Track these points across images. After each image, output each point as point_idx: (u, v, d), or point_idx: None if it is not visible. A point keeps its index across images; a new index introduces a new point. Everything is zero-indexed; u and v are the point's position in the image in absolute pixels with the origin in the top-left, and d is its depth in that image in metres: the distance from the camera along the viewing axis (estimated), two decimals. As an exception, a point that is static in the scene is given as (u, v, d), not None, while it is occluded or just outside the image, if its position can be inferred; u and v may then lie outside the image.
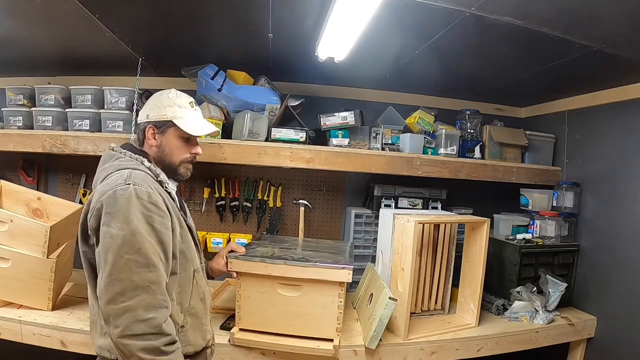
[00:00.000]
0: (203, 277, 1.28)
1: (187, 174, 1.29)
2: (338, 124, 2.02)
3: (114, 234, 0.99)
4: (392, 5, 1.21)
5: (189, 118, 1.24)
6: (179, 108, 1.23)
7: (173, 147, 1.24)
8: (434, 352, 1.66)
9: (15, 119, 1.96)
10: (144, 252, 1.00)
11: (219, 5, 1.38)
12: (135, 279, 0.97)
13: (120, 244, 0.98)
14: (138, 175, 1.08)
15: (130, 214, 1.00)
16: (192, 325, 1.18)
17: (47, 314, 1.61)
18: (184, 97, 1.27)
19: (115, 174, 1.09)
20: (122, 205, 1.01)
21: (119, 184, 1.04)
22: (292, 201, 2.32)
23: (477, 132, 2.27)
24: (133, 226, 0.99)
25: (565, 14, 1.23)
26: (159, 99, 1.25)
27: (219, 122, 1.96)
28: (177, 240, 1.14)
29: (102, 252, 1.00)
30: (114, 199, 1.01)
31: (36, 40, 1.74)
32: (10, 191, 1.84)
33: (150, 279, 1.00)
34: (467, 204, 2.31)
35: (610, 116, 1.97)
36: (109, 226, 1.00)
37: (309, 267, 1.48)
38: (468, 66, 1.87)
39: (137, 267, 0.98)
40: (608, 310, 1.92)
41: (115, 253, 0.98)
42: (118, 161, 1.15)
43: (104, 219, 1.01)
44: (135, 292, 0.97)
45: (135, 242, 0.99)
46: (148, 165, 1.16)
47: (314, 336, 1.51)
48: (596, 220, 2.03)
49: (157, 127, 1.22)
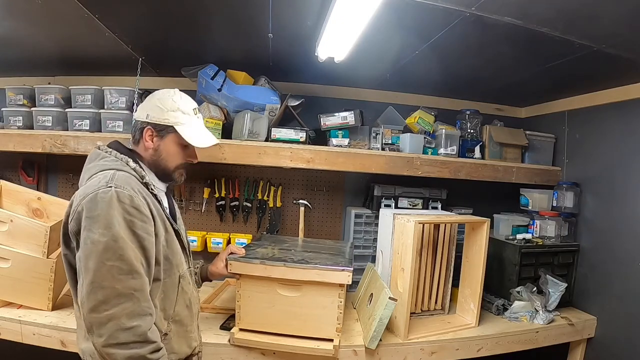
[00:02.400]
0: (190, 282, 1.24)
1: (180, 179, 1.25)
2: (338, 124, 2.02)
3: (95, 240, 0.95)
4: (392, 5, 1.21)
5: (191, 126, 1.20)
6: (182, 114, 1.18)
7: (171, 153, 1.20)
8: (434, 352, 1.66)
9: (15, 119, 1.96)
10: (127, 259, 0.96)
11: (219, 5, 1.38)
12: (118, 287, 0.94)
13: (102, 250, 0.94)
14: (121, 177, 1.04)
15: (111, 218, 0.96)
16: (177, 332, 1.14)
17: (47, 314, 1.61)
18: (188, 101, 1.23)
19: (99, 174, 1.05)
20: (103, 210, 0.97)
21: (101, 186, 1.00)
22: (292, 201, 2.32)
23: (477, 132, 2.27)
24: (115, 231, 0.96)
25: (565, 14, 1.23)
26: (162, 100, 1.19)
27: (219, 122, 1.96)
28: (161, 245, 1.10)
29: (83, 258, 0.96)
30: (94, 203, 0.97)
31: (36, 40, 1.74)
32: (10, 191, 1.84)
33: (134, 286, 0.96)
34: (467, 204, 2.31)
35: (610, 116, 1.97)
36: (90, 231, 0.96)
37: (308, 270, 1.48)
38: (468, 66, 1.87)
39: (120, 275, 0.95)
40: (608, 310, 1.92)
41: (97, 260, 0.94)
42: (103, 161, 1.11)
43: (84, 223, 0.97)
44: (118, 300, 0.94)
45: (117, 249, 0.95)
46: (133, 166, 1.12)
47: (314, 336, 1.51)
48: (596, 220, 2.03)
49: (156, 129, 1.17)
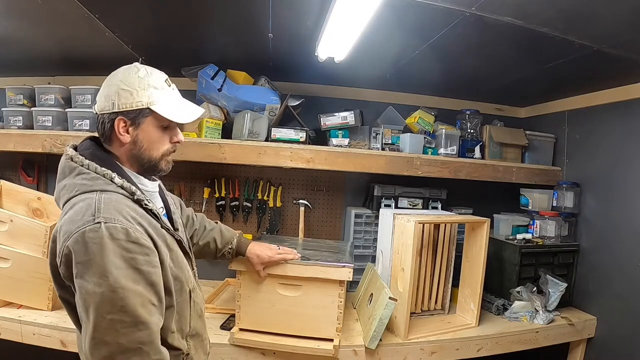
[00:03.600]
0: (199, 293, 1.14)
1: (168, 167, 1.07)
2: (338, 124, 2.02)
3: (90, 291, 0.81)
4: (392, 5, 1.21)
5: (168, 101, 1.01)
6: (155, 90, 0.98)
7: (153, 139, 1.00)
8: (434, 352, 1.66)
9: (15, 119, 1.96)
10: (130, 309, 0.82)
11: (219, 5, 1.38)
12: (123, 342, 0.82)
13: (99, 302, 0.81)
14: (108, 204, 0.87)
15: (106, 263, 0.81)
16: (195, 346, 1.08)
17: (47, 314, 1.61)
18: (157, 73, 1.01)
19: (79, 203, 0.88)
20: (95, 254, 0.82)
21: (87, 222, 0.83)
22: (292, 201, 2.32)
23: (477, 132, 2.27)
24: (112, 280, 0.81)
25: (565, 14, 1.23)
26: (126, 81, 0.96)
27: (219, 122, 1.97)
28: (168, 268, 0.97)
29: (81, 306, 0.84)
30: (83, 246, 0.82)
31: (36, 40, 1.74)
32: (10, 191, 1.84)
33: (141, 339, 0.84)
34: (467, 204, 2.30)
35: (610, 116, 1.96)
36: (82, 279, 0.82)
37: (310, 266, 1.48)
38: (468, 66, 1.87)
39: (123, 328, 0.82)
40: (608, 310, 1.92)
41: (95, 313, 0.81)
42: (80, 178, 0.92)
43: (76, 270, 0.83)
44: (124, 355, 0.82)
45: (117, 300, 0.81)
46: (120, 183, 0.93)
47: (314, 336, 1.51)
48: (596, 220, 2.03)
49: (129, 118, 0.96)
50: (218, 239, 1.45)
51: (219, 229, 1.49)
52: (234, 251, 1.47)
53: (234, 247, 1.47)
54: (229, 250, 1.46)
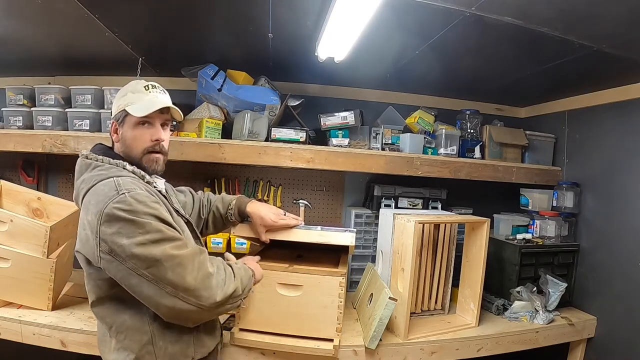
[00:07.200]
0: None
1: (154, 166, 1.16)
2: (338, 124, 2.02)
3: (144, 252, 0.94)
4: (392, 5, 1.21)
5: (141, 101, 1.12)
6: (132, 94, 1.13)
7: (131, 137, 1.13)
8: (434, 352, 1.66)
9: (15, 119, 1.96)
10: (174, 236, 0.99)
11: (219, 5, 1.38)
12: (195, 266, 0.99)
13: (158, 252, 0.94)
14: (127, 182, 1.01)
15: (142, 220, 0.95)
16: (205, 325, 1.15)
17: (47, 314, 1.61)
18: (141, 82, 1.17)
19: (99, 187, 1.01)
20: (128, 218, 0.94)
21: (111, 197, 0.96)
22: (292, 201, 2.32)
23: (477, 132, 2.27)
24: (153, 225, 0.96)
25: (565, 14, 1.23)
26: (119, 92, 1.17)
27: (219, 122, 1.96)
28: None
29: (141, 268, 0.94)
30: (115, 218, 0.94)
31: (36, 40, 1.74)
32: (10, 191, 1.84)
33: (192, 250, 1.02)
34: (467, 204, 2.30)
35: (610, 116, 1.97)
36: (130, 242, 0.93)
37: (312, 231, 1.45)
38: (468, 66, 1.87)
39: (191, 261, 0.99)
40: (608, 310, 1.92)
41: (159, 264, 0.94)
42: (97, 170, 1.06)
43: (116, 240, 0.93)
44: (201, 266, 1.01)
45: (167, 237, 0.97)
46: (131, 169, 1.09)
47: (314, 336, 1.51)
48: (596, 220, 2.03)
49: (117, 120, 1.14)
50: (220, 205, 1.48)
51: (221, 196, 1.52)
52: (235, 212, 1.45)
53: (233, 207, 1.45)
54: (229, 211, 1.45)
